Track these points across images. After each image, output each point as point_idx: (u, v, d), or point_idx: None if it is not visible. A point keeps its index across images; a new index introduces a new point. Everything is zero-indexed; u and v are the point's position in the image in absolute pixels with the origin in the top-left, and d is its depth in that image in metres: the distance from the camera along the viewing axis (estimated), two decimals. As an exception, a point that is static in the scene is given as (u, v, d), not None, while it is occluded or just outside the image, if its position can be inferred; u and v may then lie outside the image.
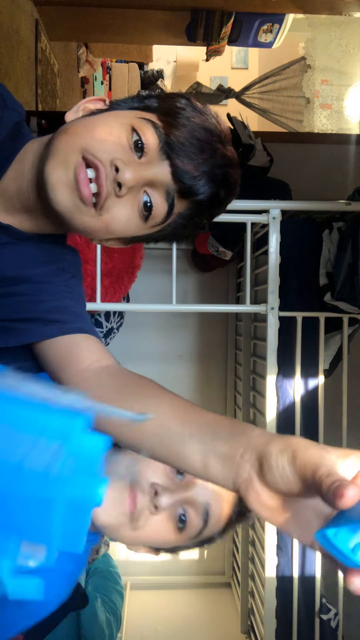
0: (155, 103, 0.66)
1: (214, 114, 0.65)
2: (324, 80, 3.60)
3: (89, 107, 0.67)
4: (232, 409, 2.76)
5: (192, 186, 0.62)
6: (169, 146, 0.61)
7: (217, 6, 2.69)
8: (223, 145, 0.64)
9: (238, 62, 5.94)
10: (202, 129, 0.62)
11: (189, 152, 0.61)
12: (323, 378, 1.87)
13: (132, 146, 0.60)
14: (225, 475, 0.46)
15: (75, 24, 3.00)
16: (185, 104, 0.64)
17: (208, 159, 0.62)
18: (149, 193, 0.63)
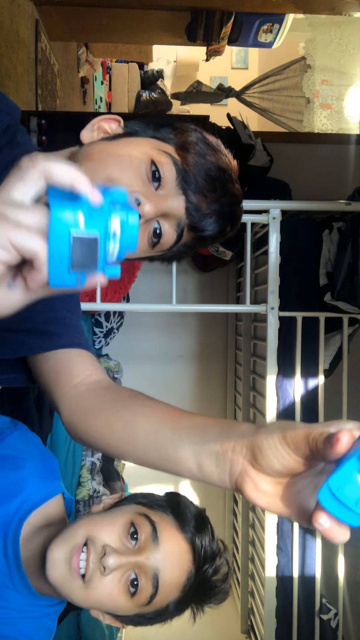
0: (170, 134, 0.67)
1: (225, 150, 0.68)
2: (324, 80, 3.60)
3: (103, 126, 0.69)
4: (232, 409, 2.76)
5: (203, 222, 0.66)
6: (185, 182, 0.64)
7: (217, 6, 2.68)
8: (233, 184, 0.67)
9: (238, 62, 5.94)
10: (217, 168, 0.65)
11: (204, 190, 0.64)
12: (323, 378, 1.87)
13: (150, 177, 0.63)
14: (220, 472, 0.47)
15: (75, 24, 3.00)
16: (197, 139, 0.66)
17: (220, 197, 0.65)
18: (160, 222, 0.65)
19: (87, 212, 0.39)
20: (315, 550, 1.88)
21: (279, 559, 1.86)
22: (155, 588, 0.69)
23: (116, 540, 0.70)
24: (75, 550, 0.67)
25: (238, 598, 2.50)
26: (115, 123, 0.70)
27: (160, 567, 0.70)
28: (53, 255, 0.39)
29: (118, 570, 0.69)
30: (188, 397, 2.77)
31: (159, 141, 0.66)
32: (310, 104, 3.54)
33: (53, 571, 0.67)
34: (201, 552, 0.72)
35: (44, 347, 0.69)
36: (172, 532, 0.73)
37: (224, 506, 2.78)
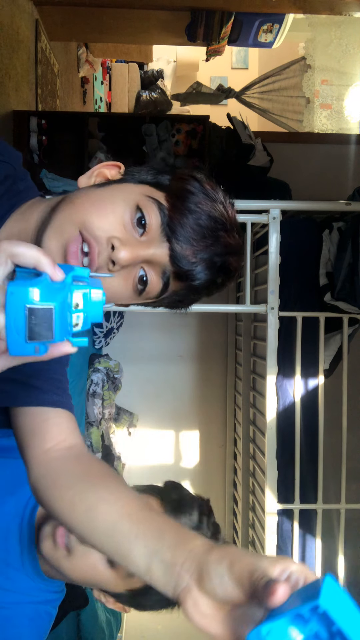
0: (167, 181, 0.65)
1: (223, 200, 0.65)
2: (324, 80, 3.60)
3: (103, 172, 0.67)
4: (232, 409, 2.76)
5: (189, 271, 0.63)
6: (170, 229, 0.61)
7: (217, 6, 2.69)
8: (227, 233, 0.64)
9: (238, 62, 5.94)
10: (208, 217, 0.62)
11: (190, 238, 0.61)
12: (323, 378, 1.87)
13: (135, 223, 0.61)
14: (166, 582, 0.48)
15: (75, 24, 3.00)
16: (197, 190, 0.63)
17: (209, 246, 0.62)
18: (146, 269, 0.63)
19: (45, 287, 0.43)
20: (315, 550, 1.88)
21: (279, 559, 1.86)
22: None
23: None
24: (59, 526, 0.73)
25: (238, 598, 2.50)
26: (116, 169, 0.68)
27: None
28: (10, 326, 0.43)
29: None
30: (188, 397, 2.78)
31: (151, 188, 0.64)
32: (310, 104, 3.54)
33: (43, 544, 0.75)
34: None
35: (22, 402, 0.69)
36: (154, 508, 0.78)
37: (224, 506, 2.78)
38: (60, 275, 0.45)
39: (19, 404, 0.70)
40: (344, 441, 1.89)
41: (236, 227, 0.66)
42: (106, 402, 2.26)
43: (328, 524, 1.98)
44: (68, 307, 0.45)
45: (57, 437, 0.68)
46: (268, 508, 1.79)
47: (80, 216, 0.59)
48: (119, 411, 2.56)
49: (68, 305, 0.45)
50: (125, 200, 0.61)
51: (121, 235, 0.60)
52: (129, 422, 2.57)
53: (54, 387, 0.71)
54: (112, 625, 1.87)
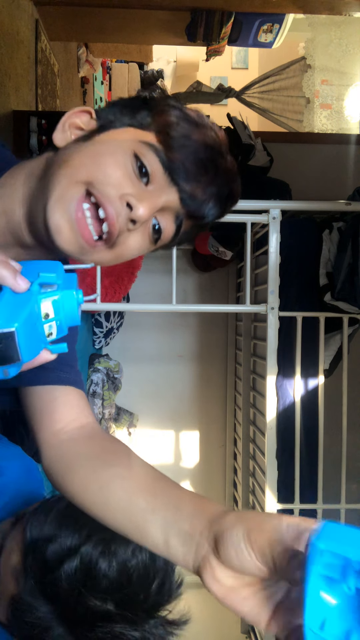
0: (148, 117, 0.61)
1: (209, 123, 0.63)
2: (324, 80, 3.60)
3: (75, 122, 0.63)
4: (232, 409, 2.76)
5: (201, 210, 0.62)
6: (174, 172, 0.59)
7: (217, 6, 2.68)
8: (224, 158, 0.62)
9: (238, 62, 5.94)
10: (204, 147, 0.60)
11: (195, 175, 0.59)
12: (323, 378, 1.87)
13: (138, 173, 0.58)
14: (185, 554, 0.46)
15: (75, 24, 3.00)
16: (178, 117, 0.60)
17: (213, 179, 0.61)
18: (158, 217, 0.61)
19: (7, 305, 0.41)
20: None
21: (279, 559, 1.86)
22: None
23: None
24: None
25: (238, 598, 2.50)
26: (86, 115, 0.64)
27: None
28: None
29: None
30: (188, 397, 2.78)
31: (137, 130, 0.60)
32: (310, 104, 3.54)
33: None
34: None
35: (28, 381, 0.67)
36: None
37: (224, 506, 2.78)
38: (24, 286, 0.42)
39: (24, 383, 0.67)
40: (344, 441, 1.89)
41: (227, 147, 0.64)
42: (106, 402, 2.26)
43: (328, 524, 1.98)
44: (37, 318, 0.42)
45: (66, 417, 0.66)
46: (268, 508, 1.79)
47: (84, 174, 0.55)
48: (119, 411, 2.56)
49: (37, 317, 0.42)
50: (122, 149, 0.58)
51: (132, 190, 0.57)
52: (129, 422, 2.57)
53: (61, 364, 0.68)
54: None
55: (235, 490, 2.68)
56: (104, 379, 2.27)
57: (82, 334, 2.07)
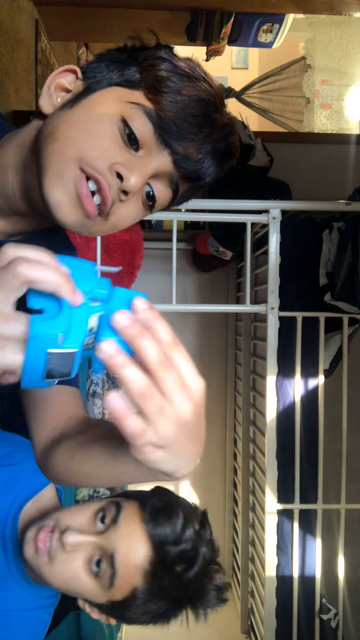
0: (136, 73, 0.58)
1: (202, 74, 0.58)
2: (324, 80, 3.59)
3: (61, 83, 0.60)
4: (232, 409, 2.76)
5: (197, 170, 0.58)
6: (165, 132, 0.56)
7: (217, 6, 2.68)
8: (220, 112, 0.59)
9: (238, 62, 5.93)
10: (198, 102, 0.56)
11: (188, 134, 0.56)
12: (323, 378, 1.87)
13: (127, 139, 0.55)
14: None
15: (75, 24, 3.00)
16: (173, 73, 0.56)
17: (209, 135, 0.57)
18: (151, 183, 0.59)
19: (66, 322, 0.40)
20: (315, 550, 1.88)
21: (279, 559, 1.86)
22: (113, 568, 0.70)
23: (82, 523, 0.74)
24: (42, 530, 0.72)
25: (238, 598, 2.50)
26: (72, 75, 0.60)
27: (116, 547, 0.71)
28: (28, 367, 0.39)
29: (82, 550, 0.71)
30: (188, 397, 2.77)
31: (124, 89, 0.57)
32: (310, 104, 3.54)
33: (25, 549, 0.72)
34: (155, 535, 0.71)
35: None
36: (133, 515, 0.73)
37: (224, 506, 2.78)
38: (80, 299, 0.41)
39: None
40: (344, 441, 1.88)
41: (222, 100, 0.60)
42: (106, 402, 2.26)
43: (328, 524, 1.98)
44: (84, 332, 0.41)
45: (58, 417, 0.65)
46: (268, 508, 1.79)
47: (73, 151, 0.54)
48: (119, 411, 2.56)
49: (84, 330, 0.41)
50: (108, 115, 0.55)
51: (121, 158, 0.55)
52: (129, 422, 2.57)
53: None
54: (112, 625, 1.86)
55: (235, 490, 2.68)
56: (104, 379, 2.27)
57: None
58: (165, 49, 0.59)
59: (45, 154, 0.55)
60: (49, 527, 0.73)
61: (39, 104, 0.59)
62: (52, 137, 0.55)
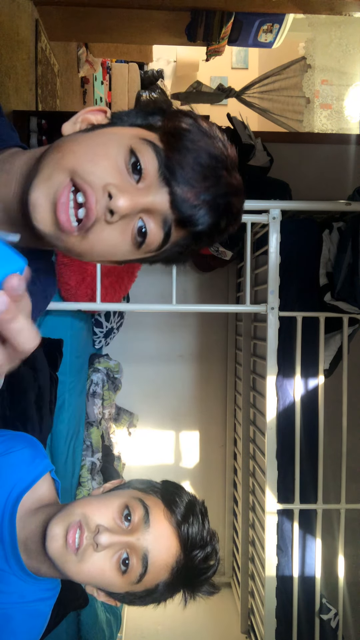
0: (159, 121, 0.61)
1: (221, 137, 0.60)
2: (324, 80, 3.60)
3: (88, 118, 0.63)
4: (232, 409, 2.76)
5: (192, 216, 0.59)
6: (169, 171, 0.57)
7: (217, 6, 2.68)
8: (228, 173, 0.60)
9: (238, 62, 5.94)
10: (207, 154, 0.58)
11: (190, 179, 0.57)
12: (323, 378, 1.87)
13: (130, 169, 0.56)
14: None
15: (75, 24, 3.00)
16: (191, 125, 0.59)
17: (210, 187, 0.58)
18: (145, 219, 0.59)
19: None
20: (315, 550, 1.88)
21: (279, 559, 1.86)
22: (145, 567, 0.73)
23: (109, 521, 0.75)
24: (71, 527, 0.72)
25: (238, 598, 2.50)
26: (102, 114, 0.63)
27: (150, 548, 0.74)
28: None
29: (110, 548, 0.73)
30: (188, 397, 2.78)
31: (143, 129, 0.60)
32: (310, 104, 3.54)
33: (51, 545, 0.73)
34: (187, 538, 0.75)
35: None
36: (162, 516, 0.77)
37: (224, 506, 2.78)
38: None
39: None
40: (344, 441, 1.89)
41: (236, 165, 0.61)
42: (106, 402, 2.26)
43: (328, 524, 1.98)
44: None
45: None
46: (268, 508, 1.79)
47: (70, 162, 0.54)
48: (119, 411, 2.56)
49: None
50: (118, 143, 0.57)
51: (117, 181, 0.55)
52: (129, 422, 2.57)
53: None
54: (112, 625, 1.87)
55: (235, 490, 2.68)
56: (104, 379, 2.27)
57: (82, 334, 2.07)
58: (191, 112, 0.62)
59: (44, 160, 0.56)
60: (77, 523, 0.73)
61: (62, 126, 0.62)
62: (57, 148, 0.57)
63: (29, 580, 0.81)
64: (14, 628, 0.79)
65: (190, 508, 0.78)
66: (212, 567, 0.77)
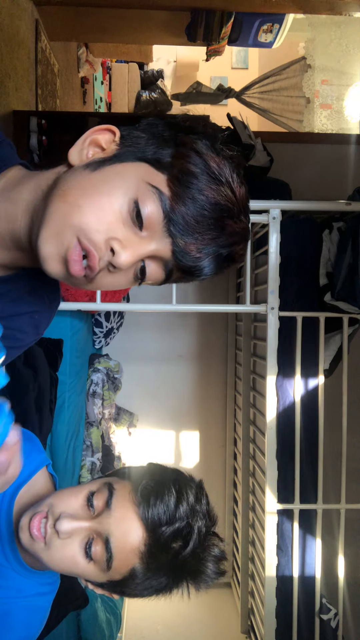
0: (168, 157, 0.59)
1: (230, 178, 0.59)
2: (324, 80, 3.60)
3: (96, 140, 0.61)
4: (232, 409, 2.76)
5: (192, 267, 0.60)
6: (172, 223, 0.57)
7: (217, 6, 2.68)
8: (234, 220, 0.59)
9: (238, 62, 5.94)
10: (213, 205, 0.57)
11: (194, 232, 0.57)
12: (323, 378, 1.87)
13: (134, 216, 0.57)
14: None
15: (75, 24, 3.00)
16: (200, 170, 0.57)
17: (214, 238, 0.59)
18: (146, 261, 0.60)
19: None
20: (315, 550, 1.88)
21: (279, 559, 1.86)
22: (109, 553, 0.71)
23: (76, 508, 0.74)
24: (34, 517, 0.73)
25: (238, 598, 2.50)
26: (110, 135, 0.62)
27: (111, 531, 0.72)
28: None
29: (77, 535, 0.72)
30: (188, 397, 2.78)
31: (151, 169, 0.58)
32: (310, 104, 3.54)
33: (21, 536, 0.73)
34: (147, 516, 0.72)
35: None
36: (126, 499, 0.74)
37: (224, 506, 2.78)
38: None
39: None
40: (344, 441, 1.89)
41: (243, 207, 0.61)
42: (106, 402, 2.26)
43: (328, 524, 1.98)
44: None
45: None
46: (268, 508, 1.79)
47: (77, 220, 0.55)
48: (119, 411, 2.56)
49: None
50: (124, 190, 0.57)
51: (121, 234, 0.57)
52: (129, 422, 2.57)
53: None
54: (112, 625, 1.87)
55: (235, 490, 2.68)
56: (104, 379, 2.27)
57: (82, 334, 2.07)
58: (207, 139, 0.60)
59: (51, 210, 0.57)
60: (43, 513, 0.73)
61: (68, 152, 0.61)
62: (63, 197, 0.57)
63: (27, 575, 0.81)
64: (12, 623, 0.79)
65: (157, 487, 0.74)
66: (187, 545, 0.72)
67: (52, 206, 0.57)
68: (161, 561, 0.73)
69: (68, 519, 0.72)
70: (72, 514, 0.73)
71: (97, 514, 0.74)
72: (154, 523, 0.71)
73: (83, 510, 0.74)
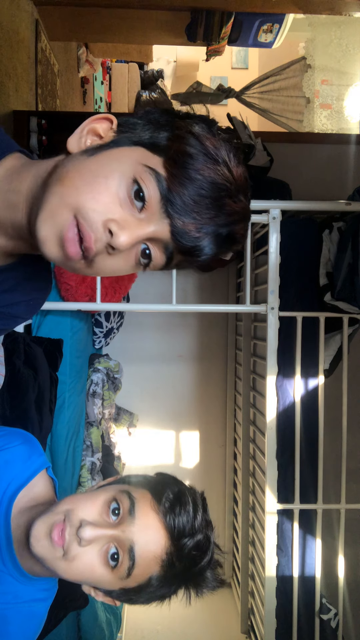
0: (165, 140, 0.59)
1: (227, 158, 0.58)
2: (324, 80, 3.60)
3: (95, 128, 0.62)
4: (232, 409, 2.76)
5: (193, 247, 0.59)
6: (170, 203, 0.57)
7: (217, 6, 2.68)
8: (232, 199, 0.59)
9: (238, 62, 5.94)
10: (210, 184, 0.57)
11: (192, 211, 0.57)
12: (323, 378, 1.87)
13: (133, 197, 0.57)
14: None
15: (75, 24, 3.00)
16: (197, 151, 0.57)
17: (212, 218, 0.58)
18: (148, 244, 0.60)
19: None
20: (315, 550, 1.88)
21: (279, 559, 1.86)
22: (132, 560, 0.71)
23: (95, 515, 0.73)
24: (55, 525, 0.71)
25: (238, 598, 2.50)
26: (107, 123, 0.62)
27: (135, 539, 0.72)
28: None
29: (97, 542, 0.72)
30: (188, 397, 2.78)
31: (146, 152, 0.59)
32: (310, 104, 3.54)
33: (36, 545, 0.71)
34: (173, 526, 0.73)
35: None
36: (149, 507, 0.74)
37: (224, 506, 2.78)
38: None
39: None
40: (344, 441, 1.88)
41: (242, 188, 0.60)
42: (106, 402, 2.26)
43: (328, 524, 1.98)
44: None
45: None
46: (268, 508, 1.79)
47: (73, 199, 0.55)
48: (119, 411, 2.56)
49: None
50: (120, 172, 0.57)
51: (118, 216, 0.56)
52: (129, 422, 2.57)
53: None
54: (112, 625, 1.87)
55: (235, 490, 2.68)
56: (104, 379, 2.27)
57: (82, 334, 2.07)
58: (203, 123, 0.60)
59: (48, 194, 0.57)
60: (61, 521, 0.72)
61: (67, 140, 0.61)
62: (60, 181, 0.57)
63: (24, 581, 0.80)
64: (8, 629, 0.78)
65: (179, 497, 0.75)
66: (205, 556, 0.74)
67: (50, 190, 0.57)
68: (177, 569, 0.74)
69: (91, 526, 0.71)
70: (92, 521, 0.72)
71: (119, 522, 0.73)
72: (179, 532, 0.72)
73: (102, 517, 0.74)
